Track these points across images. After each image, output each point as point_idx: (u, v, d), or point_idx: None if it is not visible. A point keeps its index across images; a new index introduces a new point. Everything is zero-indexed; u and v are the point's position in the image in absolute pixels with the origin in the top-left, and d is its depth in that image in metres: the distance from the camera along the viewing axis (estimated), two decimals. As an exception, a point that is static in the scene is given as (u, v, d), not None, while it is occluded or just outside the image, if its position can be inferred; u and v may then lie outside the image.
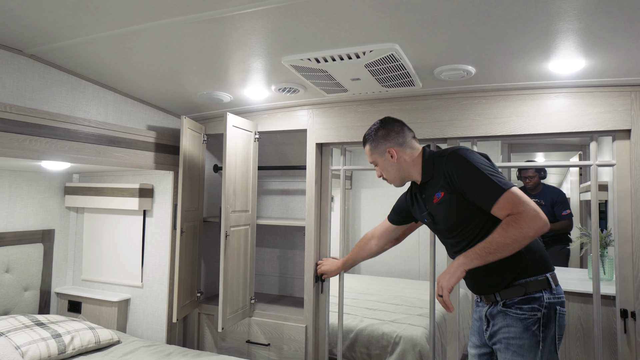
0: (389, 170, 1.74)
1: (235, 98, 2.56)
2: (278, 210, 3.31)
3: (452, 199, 1.56)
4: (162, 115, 2.80)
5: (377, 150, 1.74)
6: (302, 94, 2.45)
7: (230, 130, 2.46)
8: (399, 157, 1.70)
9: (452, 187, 1.55)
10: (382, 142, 1.72)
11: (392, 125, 1.74)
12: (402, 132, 1.73)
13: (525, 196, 1.41)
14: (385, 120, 1.77)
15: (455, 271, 1.47)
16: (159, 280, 2.79)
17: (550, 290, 1.50)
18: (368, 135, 1.78)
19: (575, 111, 2.03)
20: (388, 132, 1.72)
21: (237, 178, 2.55)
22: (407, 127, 1.76)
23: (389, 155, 1.71)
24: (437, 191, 1.61)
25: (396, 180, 1.76)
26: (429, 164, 1.66)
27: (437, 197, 1.61)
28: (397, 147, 1.71)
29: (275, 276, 3.32)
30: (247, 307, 2.66)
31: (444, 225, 1.65)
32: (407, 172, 1.73)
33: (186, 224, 2.65)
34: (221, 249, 2.39)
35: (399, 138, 1.72)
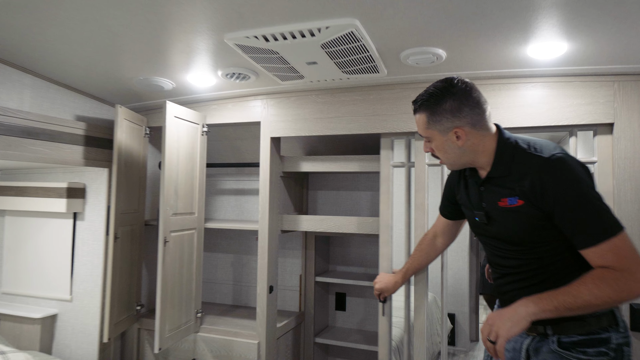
0: (448, 152, 1.30)
1: (178, 85, 2.25)
2: (232, 212, 3.02)
3: (531, 214, 1.19)
4: (95, 104, 2.45)
5: (437, 126, 1.26)
6: (254, 82, 2.17)
7: (172, 121, 2.15)
8: (466, 140, 1.25)
9: (537, 202, 1.17)
10: (449, 118, 1.24)
11: (467, 96, 1.23)
12: (479, 106, 1.24)
13: (632, 247, 1.10)
14: (457, 85, 1.24)
15: (520, 320, 1.12)
16: (90, 293, 2.45)
17: (617, 328, 1.21)
18: (428, 101, 1.27)
19: (554, 103, 1.84)
20: (460, 106, 1.23)
21: (181, 176, 2.24)
22: (483, 98, 1.26)
23: (454, 135, 1.25)
24: (512, 196, 1.22)
25: (454, 165, 1.36)
26: (506, 156, 1.24)
27: (510, 203, 1.22)
28: (469, 128, 1.24)
29: (229, 284, 3.03)
30: (192, 322, 2.35)
31: (507, 237, 1.28)
32: (471, 158, 1.30)
33: (122, 228, 2.32)
34: (159, 257, 2.08)
35: (473, 115, 1.23)
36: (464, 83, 1.26)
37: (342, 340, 2.64)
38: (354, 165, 2.31)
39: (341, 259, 2.90)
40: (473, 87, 1.26)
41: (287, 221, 2.43)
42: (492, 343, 1.14)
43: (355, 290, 2.84)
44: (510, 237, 1.27)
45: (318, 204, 2.88)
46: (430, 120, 1.28)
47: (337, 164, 2.34)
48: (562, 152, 1.18)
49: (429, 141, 1.34)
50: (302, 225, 2.39)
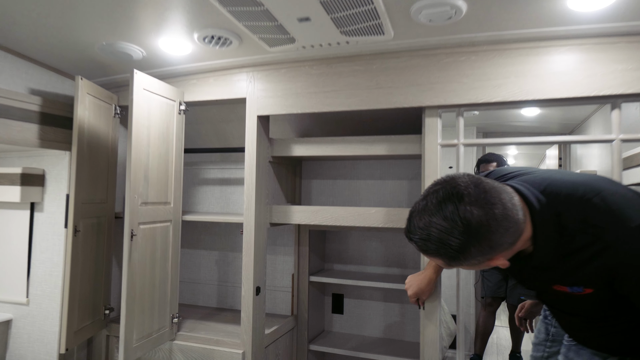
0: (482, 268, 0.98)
1: (149, 54, 1.94)
2: (217, 204, 2.71)
3: (601, 297, 0.95)
4: (54, 78, 2.13)
5: (464, 264, 0.92)
6: (238, 49, 1.85)
7: (140, 94, 1.84)
8: (507, 259, 0.95)
9: (607, 287, 0.91)
10: (479, 259, 0.90)
11: (494, 224, 0.85)
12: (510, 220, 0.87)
13: None
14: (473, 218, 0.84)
15: None
16: (49, 295, 2.13)
17: None
18: (439, 250, 0.89)
19: (594, 69, 1.54)
20: (491, 243, 0.86)
21: (152, 159, 1.92)
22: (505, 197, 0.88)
23: (491, 263, 0.93)
24: (575, 285, 0.95)
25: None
26: (549, 244, 0.92)
27: (573, 290, 0.96)
28: (509, 249, 0.91)
29: (213, 284, 2.71)
30: (166, 329, 2.04)
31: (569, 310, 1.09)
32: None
33: (85, 220, 2.00)
34: (124, 252, 1.77)
35: (510, 235, 0.88)
36: (477, 198, 0.85)
37: (340, 347, 2.33)
38: (354, 148, 2.00)
39: (338, 257, 2.59)
40: (490, 195, 0.86)
41: (276, 213, 2.12)
42: None
43: (354, 291, 2.54)
44: (574, 311, 1.08)
45: (312, 194, 2.57)
46: (451, 262, 0.92)
47: (334, 146, 2.03)
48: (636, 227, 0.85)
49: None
50: (294, 217, 2.08)
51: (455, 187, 0.87)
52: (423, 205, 0.89)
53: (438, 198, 0.87)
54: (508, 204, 0.87)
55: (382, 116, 2.20)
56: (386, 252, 2.47)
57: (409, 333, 2.43)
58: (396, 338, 2.46)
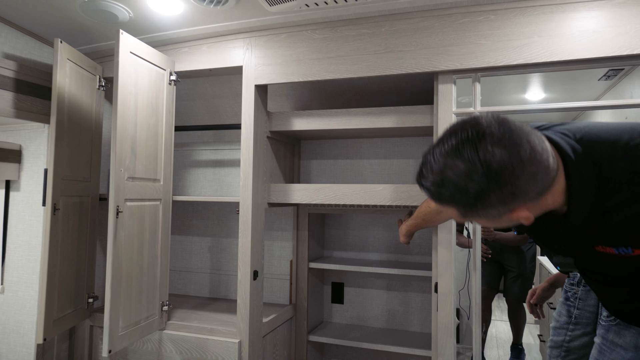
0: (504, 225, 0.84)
1: (137, 15, 1.77)
2: (210, 187, 2.54)
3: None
4: (32, 42, 1.95)
5: (482, 217, 0.78)
6: (234, 9, 1.70)
7: (127, 58, 1.67)
8: (532, 215, 0.79)
9: None
10: (500, 209, 0.75)
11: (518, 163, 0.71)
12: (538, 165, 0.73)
13: None
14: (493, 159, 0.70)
15: None
16: (26, 282, 1.95)
17: None
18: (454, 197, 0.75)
19: (626, 25, 1.41)
20: (513, 189, 0.72)
21: (140, 131, 1.76)
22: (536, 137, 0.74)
23: (512, 217, 0.78)
24: (621, 246, 0.81)
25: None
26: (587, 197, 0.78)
27: (620, 252, 0.82)
28: (535, 201, 0.77)
29: (206, 273, 2.55)
30: (155, 317, 1.87)
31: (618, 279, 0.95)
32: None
33: (66, 198, 1.83)
34: (109, 231, 1.60)
35: (537, 183, 0.74)
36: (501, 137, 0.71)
37: (340, 338, 2.19)
38: (359, 120, 1.85)
39: (338, 243, 2.44)
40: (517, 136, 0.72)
41: (275, 192, 1.97)
42: None
43: (355, 279, 2.39)
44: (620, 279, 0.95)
45: (312, 175, 2.42)
46: (466, 213, 0.78)
47: (338, 119, 1.88)
48: None
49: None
50: (294, 196, 1.93)
51: (476, 126, 0.73)
52: (438, 146, 0.75)
53: (456, 138, 0.73)
54: (537, 147, 0.73)
55: (388, 88, 2.06)
56: (389, 238, 2.33)
57: (414, 323, 2.29)
58: (400, 328, 2.32)
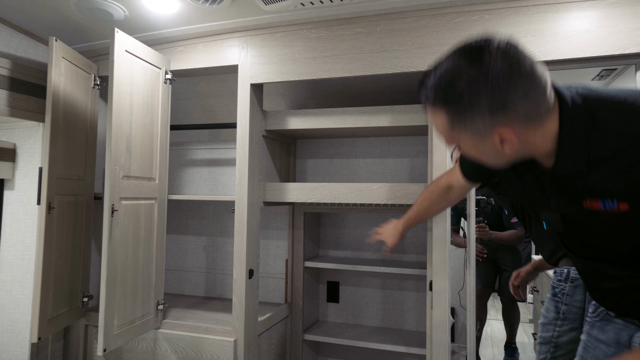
0: (489, 156, 0.83)
1: (132, 14, 1.77)
2: (205, 187, 2.54)
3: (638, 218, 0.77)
4: (26, 41, 1.94)
5: (468, 128, 0.77)
6: (230, 8, 1.70)
7: (122, 56, 1.67)
8: (518, 143, 0.77)
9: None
10: (486, 117, 0.74)
11: (516, 77, 0.71)
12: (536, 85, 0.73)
13: None
14: (494, 59, 0.71)
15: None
16: (21, 281, 1.94)
17: None
18: (446, 93, 0.75)
19: (618, 25, 1.43)
20: (505, 98, 0.71)
21: (136, 130, 1.76)
22: (539, 66, 0.74)
23: (496, 139, 0.76)
24: (607, 198, 0.77)
25: (495, 164, 0.86)
26: (577, 144, 0.76)
27: (606, 206, 0.78)
28: (521, 125, 0.75)
29: (201, 272, 2.55)
30: (151, 316, 1.87)
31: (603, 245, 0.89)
32: (524, 154, 0.82)
33: (61, 197, 1.82)
34: (104, 229, 1.60)
35: (528, 106, 0.73)
36: (507, 50, 0.72)
37: (335, 337, 2.19)
38: (355, 119, 1.86)
39: (333, 243, 2.45)
40: (522, 55, 0.72)
41: (270, 190, 1.97)
42: None
43: (350, 278, 2.40)
44: (610, 246, 0.87)
45: (308, 174, 2.42)
46: (454, 121, 0.77)
47: (334, 118, 1.89)
48: None
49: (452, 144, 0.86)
50: (289, 195, 1.93)
51: (486, 37, 0.74)
52: (447, 53, 0.77)
53: (465, 45, 0.75)
54: (538, 71, 0.73)
55: (383, 87, 2.07)
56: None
57: (409, 321, 2.30)
58: (395, 327, 2.33)
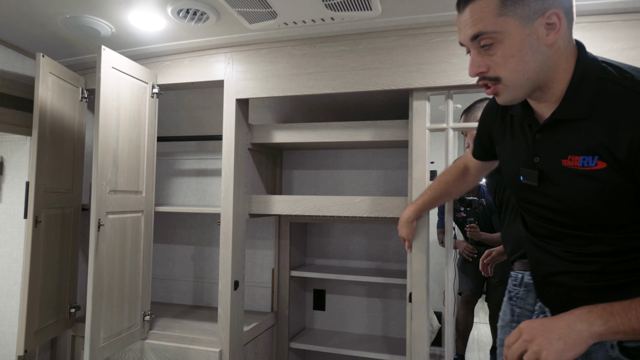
0: (526, 60, 0.80)
1: (119, 30, 1.80)
2: (193, 197, 2.57)
3: (617, 184, 0.79)
4: (13, 55, 1.96)
5: (520, 9, 0.78)
6: (215, 26, 1.74)
7: (109, 73, 1.70)
8: (560, 36, 0.79)
9: (633, 168, 0.77)
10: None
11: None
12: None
13: None
14: None
15: (578, 342, 0.76)
16: (8, 293, 1.96)
17: None
18: None
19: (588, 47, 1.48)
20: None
21: (122, 144, 1.79)
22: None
23: (543, 25, 0.79)
24: (589, 154, 0.80)
25: (518, 89, 0.84)
26: (587, 87, 0.80)
27: (584, 164, 0.81)
28: (564, 16, 0.79)
29: (189, 281, 2.58)
30: (137, 327, 1.90)
31: (571, 212, 0.87)
32: (547, 78, 0.83)
33: (48, 210, 1.84)
34: (90, 244, 1.63)
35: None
36: None
37: (321, 345, 2.23)
38: (339, 134, 1.91)
39: (320, 251, 2.49)
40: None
41: (256, 203, 2.01)
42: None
43: (336, 286, 2.44)
44: (576, 212, 0.86)
45: (294, 185, 2.46)
46: (506, 2, 0.78)
47: (318, 132, 1.94)
48: None
49: (487, 48, 0.82)
50: (274, 207, 1.97)
51: None
52: None
53: None
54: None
55: (367, 101, 2.12)
56: (369, 246, 2.39)
57: (393, 329, 2.35)
58: (380, 334, 2.37)
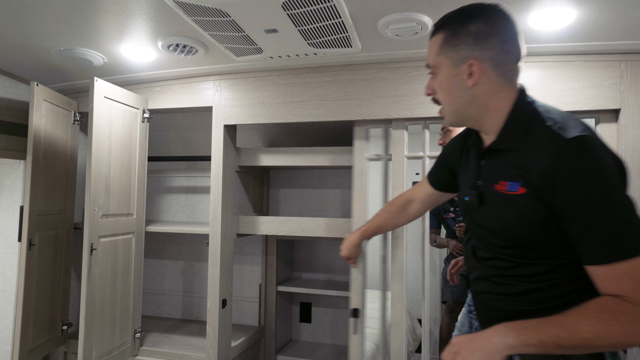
0: (453, 94, 0.98)
1: (111, 60, 1.87)
2: (183, 213, 2.64)
3: (532, 209, 0.89)
4: (7, 82, 2.02)
5: (452, 53, 0.96)
6: (204, 58, 1.82)
7: (101, 102, 1.77)
8: (480, 81, 0.94)
9: (543, 194, 0.87)
10: (470, 44, 0.93)
11: (504, 24, 0.94)
12: (512, 43, 0.94)
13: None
14: (496, 8, 0.95)
15: (493, 353, 0.85)
16: (1, 313, 2.02)
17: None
18: (453, 18, 0.97)
19: (552, 86, 1.60)
20: (489, 32, 0.92)
21: (114, 170, 1.86)
22: (521, 40, 0.96)
23: (466, 70, 0.94)
24: (514, 180, 0.92)
25: (456, 117, 1.02)
26: (520, 124, 0.93)
27: (510, 188, 0.93)
28: (489, 65, 0.93)
29: (178, 295, 2.65)
30: (128, 345, 1.97)
31: (498, 231, 0.98)
32: (478, 114, 0.98)
33: (42, 232, 1.91)
34: (83, 267, 1.70)
35: (501, 50, 0.93)
36: (503, 9, 0.95)
37: (308, 358, 2.32)
38: (323, 158, 2.00)
39: (306, 265, 2.58)
40: (514, 21, 0.95)
41: (243, 223, 2.09)
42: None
43: (323, 299, 2.53)
44: (502, 233, 0.97)
45: (280, 203, 2.55)
46: (445, 43, 0.96)
47: (303, 156, 2.02)
48: (590, 134, 0.87)
49: (433, 76, 1.02)
50: (261, 228, 2.06)
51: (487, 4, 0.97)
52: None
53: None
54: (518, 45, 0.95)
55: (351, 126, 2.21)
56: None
57: (377, 341, 2.44)
58: (364, 346, 2.46)
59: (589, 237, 0.83)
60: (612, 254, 0.81)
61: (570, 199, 0.83)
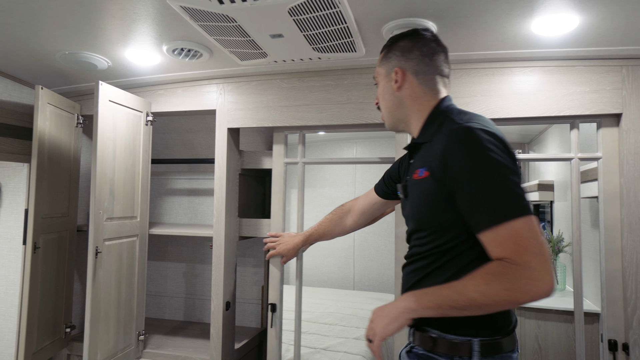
0: (386, 99, 1.17)
1: (115, 64, 1.88)
2: (185, 215, 2.65)
3: (434, 190, 0.98)
4: (11, 85, 2.03)
5: (385, 64, 1.17)
6: (209, 61, 1.83)
7: (106, 106, 1.78)
8: (403, 86, 1.12)
9: (440, 174, 0.97)
10: (397, 56, 1.13)
11: (424, 43, 1.12)
12: (431, 57, 1.12)
13: (540, 238, 0.86)
14: (422, 32, 1.15)
15: (398, 317, 0.97)
16: (4, 315, 2.02)
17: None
18: (391, 40, 1.18)
19: (554, 90, 1.61)
20: (412, 47, 1.12)
21: (118, 173, 1.87)
22: (445, 57, 1.14)
23: (393, 76, 1.13)
24: (423, 166, 1.04)
25: (391, 119, 1.19)
26: (435, 122, 1.07)
27: (420, 174, 1.04)
28: (410, 74, 1.11)
29: (181, 297, 2.66)
30: (132, 347, 1.98)
31: (414, 216, 1.10)
32: (405, 115, 1.15)
33: (46, 235, 1.91)
34: (88, 271, 1.70)
35: (420, 62, 1.11)
36: (432, 34, 1.15)
37: (310, 359, 2.33)
38: (325, 161, 2.01)
39: (308, 267, 2.59)
40: (438, 41, 1.15)
41: (246, 226, 2.10)
42: (371, 342, 1.01)
43: (324, 302, 2.54)
44: (417, 217, 1.08)
45: (283, 205, 2.55)
46: (383, 58, 1.18)
47: (306, 159, 2.03)
48: (480, 124, 0.95)
49: (377, 84, 1.22)
50: (264, 230, 2.06)
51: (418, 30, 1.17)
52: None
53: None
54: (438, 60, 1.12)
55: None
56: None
57: (379, 342, 2.45)
58: (366, 348, 2.47)
59: (475, 207, 0.91)
60: (494, 218, 0.87)
61: (456, 174, 0.93)
